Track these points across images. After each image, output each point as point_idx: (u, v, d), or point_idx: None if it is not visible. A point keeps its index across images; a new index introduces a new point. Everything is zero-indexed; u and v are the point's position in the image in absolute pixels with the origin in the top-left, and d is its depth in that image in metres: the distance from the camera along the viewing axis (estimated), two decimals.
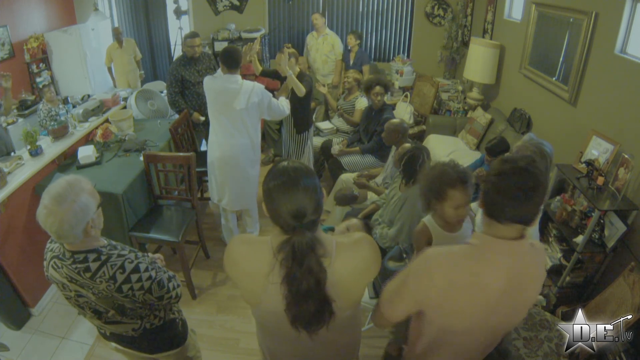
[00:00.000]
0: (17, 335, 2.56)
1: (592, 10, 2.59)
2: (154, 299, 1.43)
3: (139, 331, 1.54)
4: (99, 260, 1.34)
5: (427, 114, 4.80)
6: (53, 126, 2.99)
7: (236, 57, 2.69)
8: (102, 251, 1.36)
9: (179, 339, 1.69)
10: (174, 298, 1.51)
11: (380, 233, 2.48)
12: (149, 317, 1.54)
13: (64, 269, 1.35)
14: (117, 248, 1.41)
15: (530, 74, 3.47)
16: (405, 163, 2.36)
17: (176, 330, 1.67)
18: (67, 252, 1.35)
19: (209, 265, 3.14)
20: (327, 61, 4.88)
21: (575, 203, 2.46)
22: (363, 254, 1.15)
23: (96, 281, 1.33)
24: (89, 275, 1.32)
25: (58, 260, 1.36)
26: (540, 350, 2.08)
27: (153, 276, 1.41)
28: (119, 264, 1.35)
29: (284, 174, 1.05)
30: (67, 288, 1.39)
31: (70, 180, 1.30)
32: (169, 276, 1.50)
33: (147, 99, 4.01)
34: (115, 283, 1.33)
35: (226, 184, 2.96)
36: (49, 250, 1.41)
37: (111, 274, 1.33)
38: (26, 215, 2.59)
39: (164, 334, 1.62)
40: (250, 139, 2.89)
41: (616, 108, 2.44)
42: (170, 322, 1.63)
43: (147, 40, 6.21)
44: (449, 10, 5.17)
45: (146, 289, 1.39)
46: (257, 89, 2.75)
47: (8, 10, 4.55)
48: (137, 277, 1.37)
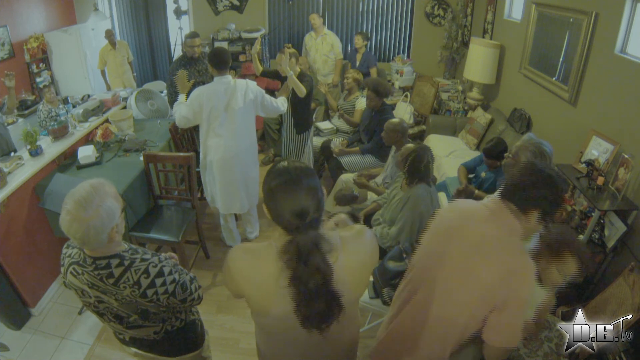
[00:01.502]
0: (17, 335, 2.56)
1: (592, 10, 2.59)
2: (178, 302, 1.39)
3: (160, 334, 1.50)
4: (122, 265, 1.30)
5: (427, 114, 4.80)
6: (53, 126, 2.99)
7: (225, 57, 2.67)
8: (125, 256, 1.32)
9: (199, 339, 1.66)
10: (197, 300, 1.48)
11: (381, 233, 2.48)
12: (170, 319, 1.50)
13: (84, 275, 1.30)
14: (138, 252, 1.37)
15: (530, 74, 3.47)
16: (410, 163, 2.36)
17: (196, 331, 1.63)
18: (89, 258, 1.30)
19: (209, 265, 3.14)
20: (327, 61, 4.88)
21: (575, 203, 2.46)
22: (366, 245, 1.17)
23: (120, 287, 1.29)
24: (113, 281, 1.29)
25: (78, 266, 1.31)
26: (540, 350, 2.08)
27: (177, 279, 1.37)
28: (142, 269, 1.31)
29: (284, 174, 1.05)
30: (86, 294, 1.35)
31: (94, 183, 1.25)
32: (191, 278, 1.46)
33: (147, 99, 4.01)
34: (139, 288, 1.30)
35: (232, 187, 2.93)
36: (67, 256, 1.36)
37: (135, 279, 1.29)
38: (26, 215, 2.59)
39: (186, 335, 1.58)
40: (250, 138, 2.89)
41: (616, 108, 2.44)
42: (191, 323, 1.59)
43: (147, 40, 6.21)
44: (449, 10, 5.17)
45: (170, 292, 1.35)
46: (250, 85, 2.75)
47: (8, 10, 4.55)
48: (162, 281, 1.33)
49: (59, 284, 2.89)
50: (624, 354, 1.82)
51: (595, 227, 2.23)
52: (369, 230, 1.22)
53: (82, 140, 3.22)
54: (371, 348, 1.59)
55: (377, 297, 2.23)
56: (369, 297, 2.24)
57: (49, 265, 2.79)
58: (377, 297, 2.23)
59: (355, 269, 1.13)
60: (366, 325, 2.48)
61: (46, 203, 2.53)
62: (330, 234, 1.11)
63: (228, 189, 2.94)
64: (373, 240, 1.21)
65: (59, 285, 2.89)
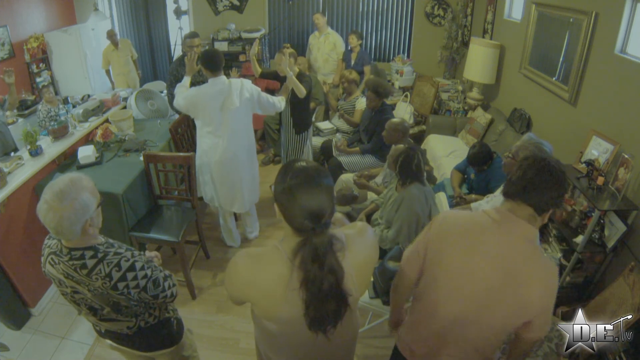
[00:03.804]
0: (17, 335, 2.56)
1: (592, 10, 2.59)
2: (149, 297, 1.44)
3: (133, 329, 1.55)
4: (95, 257, 1.35)
5: (427, 114, 4.80)
6: (53, 126, 2.99)
7: (218, 59, 2.66)
8: (99, 249, 1.37)
9: (174, 337, 1.70)
10: (170, 297, 1.52)
11: (380, 235, 2.48)
12: (143, 315, 1.55)
13: (60, 265, 1.36)
14: (114, 246, 1.42)
15: (530, 74, 3.47)
16: (401, 164, 2.36)
17: (171, 329, 1.68)
18: (65, 248, 1.36)
19: (209, 265, 3.14)
20: (328, 60, 4.88)
21: (575, 203, 2.46)
22: (368, 242, 1.18)
23: (92, 278, 1.34)
24: (85, 272, 1.34)
25: (55, 256, 1.37)
26: (540, 350, 2.08)
27: (149, 275, 1.42)
28: (115, 262, 1.36)
29: (304, 173, 1.03)
30: (63, 284, 1.41)
31: (73, 177, 1.32)
32: (165, 275, 1.51)
33: (147, 99, 4.01)
34: (110, 281, 1.34)
35: (232, 187, 2.92)
36: (47, 247, 1.42)
37: (107, 271, 1.34)
38: (26, 215, 2.59)
39: (159, 332, 1.63)
40: (248, 137, 2.89)
41: (616, 108, 2.44)
42: (165, 320, 1.64)
43: (147, 40, 6.21)
44: (449, 10, 5.17)
45: (141, 287, 1.40)
46: (245, 84, 2.75)
47: (8, 10, 4.56)
48: (133, 275, 1.38)
49: None
50: (624, 354, 1.82)
51: (595, 227, 2.23)
52: (369, 227, 1.22)
53: (82, 140, 3.22)
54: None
55: (377, 297, 2.23)
56: (369, 297, 2.24)
57: None
58: (377, 297, 2.23)
59: (360, 266, 1.13)
60: (366, 325, 2.48)
61: None
62: (337, 233, 1.10)
63: (228, 189, 2.94)
64: (374, 236, 1.22)
65: None
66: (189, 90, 2.74)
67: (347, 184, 3.26)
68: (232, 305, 2.75)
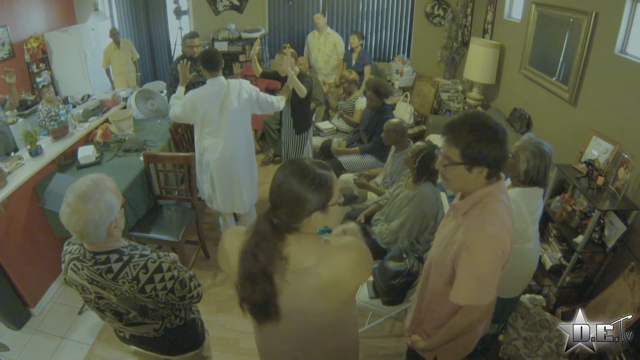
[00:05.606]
0: (17, 335, 2.56)
1: (592, 10, 2.59)
2: (177, 298, 1.41)
3: (160, 331, 1.51)
4: (121, 260, 1.31)
5: (427, 114, 4.80)
6: (53, 126, 2.99)
7: (216, 59, 2.66)
8: (124, 251, 1.33)
9: (199, 338, 1.67)
10: (196, 297, 1.49)
11: (380, 230, 2.47)
12: (169, 317, 1.51)
13: (84, 270, 1.32)
14: (138, 248, 1.39)
15: (530, 74, 3.47)
16: (421, 160, 2.36)
17: (197, 329, 1.64)
18: (89, 253, 1.31)
19: (209, 265, 3.14)
20: (329, 61, 4.88)
21: (575, 203, 2.46)
22: (350, 259, 1.11)
23: (119, 282, 1.30)
24: (112, 276, 1.30)
25: (78, 262, 1.33)
26: (540, 350, 2.08)
27: (175, 276, 1.38)
28: (141, 264, 1.32)
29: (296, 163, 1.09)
30: (87, 290, 1.37)
31: (95, 178, 1.28)
32: (190, 275, 1.47)
33: (147, 99, 4.00)
34: (138, 284, 1.31)
35: (232, 187, 2.91)
36: (67, 253, 1.37)
37: (134, 274, 1.31)
38: (26, 215, 2.59)
39: (185, 333, 1.60)
40: (247, 138, 2.88)
41: (616, 108, 2.44)
42: (191, 321, 1.60)
43: (147, 40, 6.21)
44: (449, 10, 5.17)
45: (169, 288, 1.36)
46: (244, 84, 2.75)
47: (8, 10, 4.56)
48: (160, 277, 1.34)
49: (59, 284, 2.89)
50: (624, 354, 1.82)
51: (595, 227, 2.23)
52: (361, 246, 1.15)
53: (82, 140, 3.22)
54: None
55: (377, 297, 2.23)
56: (369, 297, 2.24)
57: (49, 265, 2.79)
58: (377, 297, 2.23)
59: (333, 280, 1.09)
60: (366, 325, 2.48)
61: (46, 203, 2.53)
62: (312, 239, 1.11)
63: (228, 189, 2.93)
64: (361, 257, 1.13)
65: (59, 285, 2.89)
66: (187, 94, 2.72)
67: (347, 184, 3.26)
68: (232, 305, 2.76)
